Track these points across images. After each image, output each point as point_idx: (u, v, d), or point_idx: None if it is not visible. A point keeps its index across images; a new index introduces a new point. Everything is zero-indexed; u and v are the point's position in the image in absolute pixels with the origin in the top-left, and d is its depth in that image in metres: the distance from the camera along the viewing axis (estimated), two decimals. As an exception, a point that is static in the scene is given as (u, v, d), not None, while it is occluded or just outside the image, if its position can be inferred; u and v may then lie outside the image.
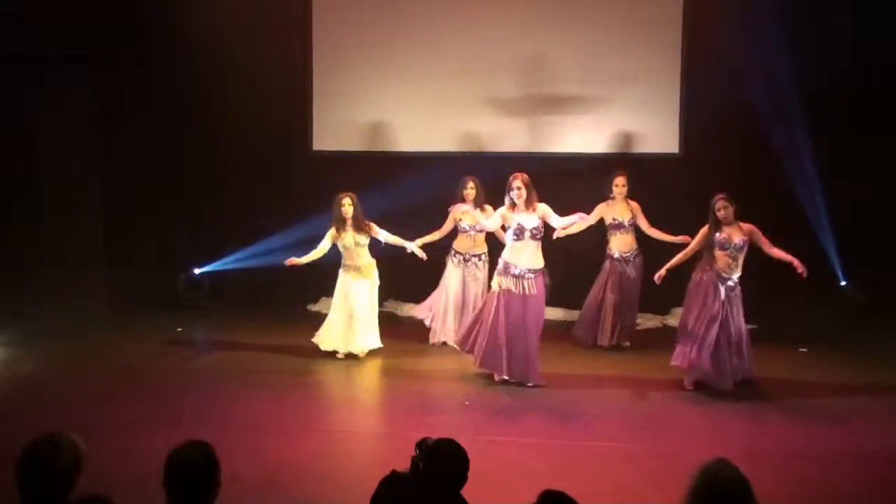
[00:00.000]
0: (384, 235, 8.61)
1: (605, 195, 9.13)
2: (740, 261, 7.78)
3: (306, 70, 10.94)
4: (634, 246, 9.22)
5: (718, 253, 7.76)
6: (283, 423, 6.78)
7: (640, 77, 10.42)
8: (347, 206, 8.48)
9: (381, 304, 10.12)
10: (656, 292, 10.58)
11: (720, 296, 7.71)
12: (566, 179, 9.38)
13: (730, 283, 7.78)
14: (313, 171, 10.48)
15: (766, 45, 10.00)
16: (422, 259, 8.63)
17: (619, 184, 9.07)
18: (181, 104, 10.79)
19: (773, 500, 3.98)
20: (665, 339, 9.72)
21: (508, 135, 10.67)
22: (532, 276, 7.64)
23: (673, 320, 10.44)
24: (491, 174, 9.64)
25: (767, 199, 10.43)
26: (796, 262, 7.76)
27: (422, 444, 3.55)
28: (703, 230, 7.86)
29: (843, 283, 9.99)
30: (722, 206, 7.80)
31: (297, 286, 10.96)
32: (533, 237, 7.63)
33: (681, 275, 10.51)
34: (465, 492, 3.52)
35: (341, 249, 8.60)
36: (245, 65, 10.70)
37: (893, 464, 6.02)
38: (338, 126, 10.90)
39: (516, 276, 7.63)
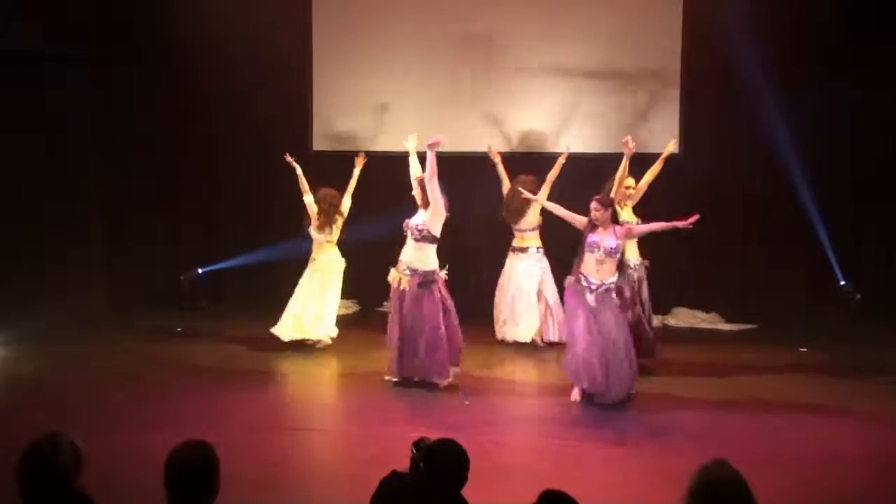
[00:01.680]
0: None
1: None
2: (610, 266, 7.24)
3: (306, 70, 10.94)
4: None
5: (587, 255, 7.29)
6: (283, 422, 6.79)
7: (641, 77, 10.42)
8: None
9: (380, 304, 10.14)
10: (656, 292, 10.63)
11: (586, 305, 7.25)
12: (566, 179, 9.36)
13: (599, 290, 7.23)
14: (313, 171, 10.48)
15: (768, 44, 10.01)
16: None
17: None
18: (181, 104, 10.80)
19: (772, 501, 3.97)
20: (665, 339, 9.74)
21: (509, 135, 10.67)
22: (409, 273, 7.58)
23: (673, 320, 10.47)
24: (490, 174, 9.66)
25: (767, 199, 10.45)
26: (680, 224, 7.24)
27: (419, 444, 3.55)
28: (585, 220, 7.39)
29: (842, 283, 10.00)
30: (594, 209, 7.27)
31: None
32: (412, 236, 7.61)
33: (682, 275, 10.57)
34: (466, 492, 3.52)
35: None
36: (245, 65, 10.70)
37: (893, 463, 6.02)
38: (338, 126, 10.90)
39: (401, 273, 7.66)
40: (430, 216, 7.55)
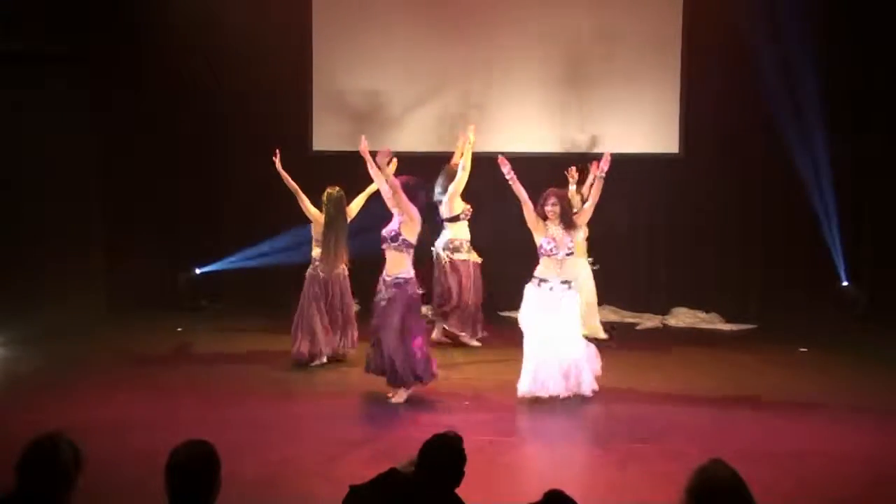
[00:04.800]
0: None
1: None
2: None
3: (306, 70, 10.94)
4: None
5: None
6: (284, 422, 6.78)
7: (640, 77, 10.43)
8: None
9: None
10: (656, 292, 10.65)
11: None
12: (566, 179, 9.37)
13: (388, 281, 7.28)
14: (313, 171, 10.51)
15: (767, 44, 10.02)
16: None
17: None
18: (181, 104, 10.80)
19: (772, 501, 3.98)
20: (665, 339, 9.75)
21: (509, 135, 10.66)
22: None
23: (673, 320, 10.47)
24: (490, 174, 9.64)
25: (767, 199, 10.46)
26: None
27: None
28: None
29: (844, 284, 10.00)
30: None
31: (297, 286, 10.97)
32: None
33: (682, 275, 10.58)
34: (465, 492, 3.51)
35: None
36: (245, 65, 10.71)
37: (894, 463, 6.02)
38: (338, 126, 10.90)
39: None
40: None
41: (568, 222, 7.16)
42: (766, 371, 8.37)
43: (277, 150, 8.21)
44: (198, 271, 10.76)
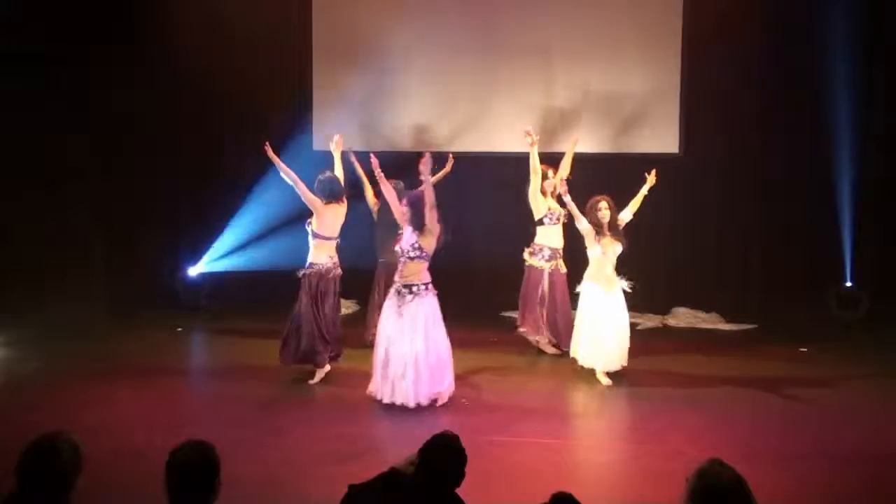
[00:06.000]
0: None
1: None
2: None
3: (306, 70, 10.94)
4: None
5: None
6: (283, 422, 6.78)
7: (640, 77, 10.43)
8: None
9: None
10: (656, 292, 10.63)
11: None
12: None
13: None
14: (313, 171, 10.50)
15: (768, 43, 10.02)
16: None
17: None
18: (181, 104, 10.80)
19: (772, 500, 3.97)
20: (665, 339, 9.74)
21: (509, 134, 10.66)
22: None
23: (673, 320, 10.47)
24: (490, 174, 9.65)
25: (767, 199, 10.46)
26: None
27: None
28: None
29: (847, 285, 10.00)
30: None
31: (297, 286, 10.97)
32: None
33: (682, 275, 10.57)
34: (465, 492, 3.51)
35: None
36: (245, 65, 10.72)
37: (894, 464, 6.02)
38: (338, 126, 10.88)
39: None
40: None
41: (417, 226, 7.05)
42: (766, 371, 8.36)
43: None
44: (197, 271, 10.76)
